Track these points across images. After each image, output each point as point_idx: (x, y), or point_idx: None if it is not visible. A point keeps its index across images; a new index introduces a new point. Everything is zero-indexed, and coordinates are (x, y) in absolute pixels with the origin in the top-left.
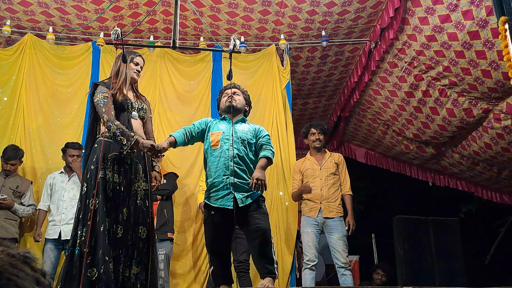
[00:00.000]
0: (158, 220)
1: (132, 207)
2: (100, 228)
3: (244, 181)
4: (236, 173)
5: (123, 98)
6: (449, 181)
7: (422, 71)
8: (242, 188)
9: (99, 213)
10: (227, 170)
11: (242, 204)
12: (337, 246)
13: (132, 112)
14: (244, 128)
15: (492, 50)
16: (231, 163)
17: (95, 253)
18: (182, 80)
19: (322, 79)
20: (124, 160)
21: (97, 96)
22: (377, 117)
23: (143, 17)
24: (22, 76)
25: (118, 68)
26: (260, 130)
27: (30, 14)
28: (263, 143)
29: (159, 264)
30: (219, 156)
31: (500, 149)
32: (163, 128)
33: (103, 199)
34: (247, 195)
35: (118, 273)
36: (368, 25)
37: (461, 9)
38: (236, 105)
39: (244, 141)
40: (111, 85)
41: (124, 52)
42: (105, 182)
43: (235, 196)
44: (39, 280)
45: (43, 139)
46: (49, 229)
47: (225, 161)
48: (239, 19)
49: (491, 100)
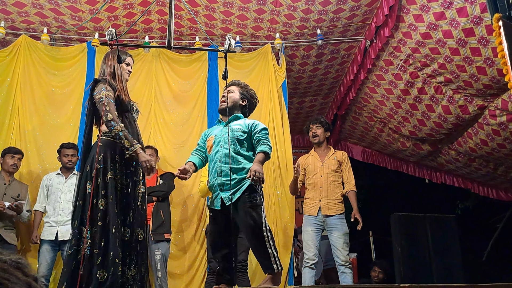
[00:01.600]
0: (154, 221)
1: (135, 210)
2: (112, 229)
3: (233, 179)
4: (224, 173)
5: (128, 100)
6: (446, 178)
7: (418, 69)
8: (229, 187)
9: (109, 214)
10: (216, 172)
11: (229, 202)
12: (337, 244)
13: (134, 114)
14: (237, 125)
15: (486, 47)
16: (219, 163)
17: (106, 255)
18: (178, 80)
19: (318, 77)
20: (131, 162)
21: (101, 93)
22: (373, 115)
23: (138, 17)
24: (17, 77)
25: (114, 69)
26: (254, 125)
27: (24, 15)
28: (260, 138)
29: (156, 264)
30: (212, 160)
31: (496, 145)
32: (159, 128)
33: (113, 200)
34: (234, 190)
35: (123, 275)
36: (363, 23)
37: (456, 6)
38: (227, 106)
39: (233, 139)
40: (113, 85)
41: (118, 52)
42: (114, 183)
43: (221, 197)
44: (31, 284)
45: (38, 140)
46: (45, 230)
47: (216, 163)
48: (234, 18)
49: (487, 96)
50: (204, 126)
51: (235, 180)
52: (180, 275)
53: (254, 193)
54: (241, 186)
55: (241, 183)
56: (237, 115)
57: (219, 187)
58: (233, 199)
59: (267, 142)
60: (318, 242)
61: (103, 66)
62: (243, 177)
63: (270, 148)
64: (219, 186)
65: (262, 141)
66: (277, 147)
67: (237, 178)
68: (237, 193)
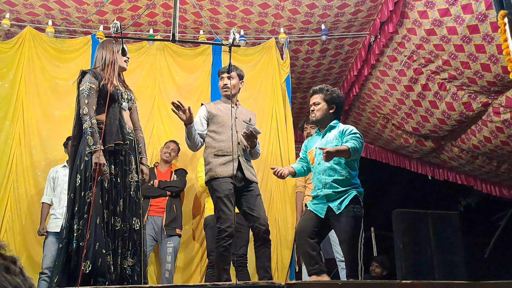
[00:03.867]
0: (168, 215)
1: (128, 199)
2: (96, 220)
3: (339, 191)
4: (329, 185)
5: (114, 89)
6: (449, 175)
7: (422, 65)
8: (336, 198)
9: (95, 205)
10: (320, 183)
11: (339, 211)
12: (336, 240)
13: (122, 103)
14: (333, 135)
15: (491, 44)
16: (322, 176)
17: (90, 246)
18: (182, 73)
19: (322, 72)
20: (119, 151)
21: (83, 85)
22: (377, 110)
23: (142, 10)
24: (21, 69)
25: (105, 57)
26: (347, 131)
27: (30, 7)
28: (348, 139)
29: (167, 257)
30: (315, 172)
31: (500, 143)
32: (163, 122)
33: (98, 191)
34: (340, 201)
35: (117, 265)
36: (367, 18)
37: (461, 2)
38: (315, 118)
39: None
40: (101, 74)
41: (122, 44)
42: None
43: (329, 205)
44: (9, 267)
45: (42, 132)
46: (51, 222)
47: (319, 175)
48: (239, 12)
49: (491, 94)
50: None
51: (341, 190)
52: (181, 268)
53: (358, 205)
54: (347, 196)
55: (347, 193)
56: (331, 125)
57: (326, 198)
58: (341, 209)
59: (354, 140)
60: None
61: (96, 56)
62: (348, 188)
63: (354, 146)
64: (326, 198)
65: (350, 139)
66: (280, 142)
67: (343, 189)
68: (344, 202)
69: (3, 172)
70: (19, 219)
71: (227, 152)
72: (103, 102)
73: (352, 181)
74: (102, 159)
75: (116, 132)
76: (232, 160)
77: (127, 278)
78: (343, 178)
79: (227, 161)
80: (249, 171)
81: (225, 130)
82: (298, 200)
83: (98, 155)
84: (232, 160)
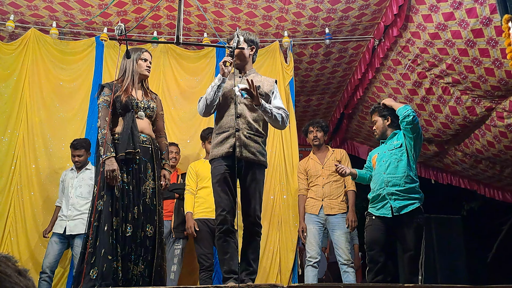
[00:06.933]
0: (176, 218)
1: (142, 206)
2: (104, 227)
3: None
4: (391, 183)
5: (127, 99)
6: (452, 179)
7: (426, 69)
8: (399, 196)
9: (103, 213)
10: (382, 182)
11: (397, 213)
12: (339, 243)
13: (138, 112)
14: (395, 142)
15: (495, 48)
16: (384, 175)
17: (97, 253)
18: (186, 76)
19: (326, 76)
20: (132, 160)
21: (100, 98)
22: None
23: (146, 13)
24: (25, 70)
25: (125, 67)
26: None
27: (34, 9)
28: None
29: (174, 259)
30: (376, 173)
31: (503, 147)
32: (166, 124)
33: (108, 200)
34: (403, 201)
35: (128, 271)
36: (372, 22)
37: (465, 7)
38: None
39: (395, 159)
40: (115, 86)
41: (128, 48)
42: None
43: (391, 205)
44: (20, 271)
45: (45, 134)
46: (56, 223)
47: (381, 175)
48: (243, 15)
49: (494, 98)
50: (210, 122)
51: (405, 188)
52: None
53: (421, 215)
54: (412, 203)
55: (410, 194)
56: (394, 132)
57: (389, 196)
58: (402, 211)
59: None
60: (320, 240)
61: (120, 65)
62: (411, 186)
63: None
64: (389, 196)
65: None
66: (283, 145)
67: (407, 187)
68: (408, 207)
69: (7, 174)
70: (22, 221)
71: (226, 128)
72: (119, 112)
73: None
74: (114, 165)
75: (127, 141)
76: (229, 137)
77: (135, 284)
78: (404, 175)
79: (224, 138)
80: (248, 149)
81: (225, 103)
82: (300, 203)
83: (109, 163)
84: (229, 136)
